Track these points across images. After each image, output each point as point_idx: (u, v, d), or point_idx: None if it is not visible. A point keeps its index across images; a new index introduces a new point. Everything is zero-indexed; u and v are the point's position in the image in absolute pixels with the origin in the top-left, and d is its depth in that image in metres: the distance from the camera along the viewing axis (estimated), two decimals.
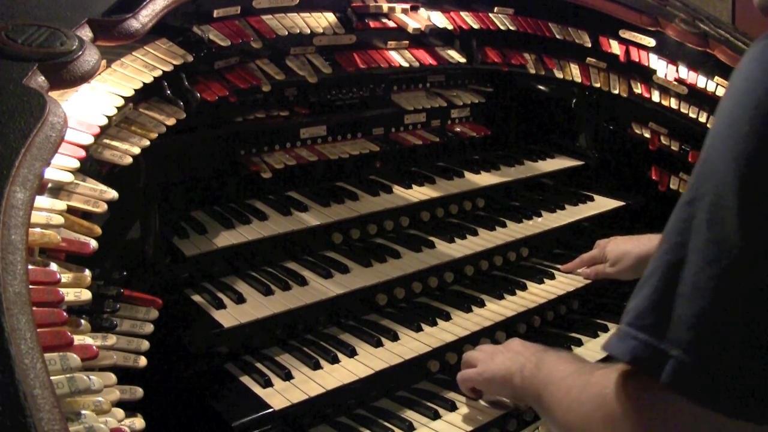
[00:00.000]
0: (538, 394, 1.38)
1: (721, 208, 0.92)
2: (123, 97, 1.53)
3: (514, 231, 2.33)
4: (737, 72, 0.98)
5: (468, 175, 2.49)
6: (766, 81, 0.91)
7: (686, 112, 2.57)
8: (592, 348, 2.08)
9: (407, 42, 2.45)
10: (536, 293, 2.17)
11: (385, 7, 2.36)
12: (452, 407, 1.77)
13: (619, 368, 1.03)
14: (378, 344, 1.84)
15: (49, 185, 1.23)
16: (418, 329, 1.91)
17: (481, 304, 2.07)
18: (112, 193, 1.34)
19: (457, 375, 1.77)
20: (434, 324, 1.95)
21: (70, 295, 1.15)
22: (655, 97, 2.63)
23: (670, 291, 0.95)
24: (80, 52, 1.38)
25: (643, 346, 0.96)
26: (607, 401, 1.03)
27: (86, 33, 1.48)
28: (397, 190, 2.31)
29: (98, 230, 1.28)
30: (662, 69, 2.62)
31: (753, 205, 0.90)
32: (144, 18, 1.63)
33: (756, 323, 0.90)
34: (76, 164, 1.28)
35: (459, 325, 1.96)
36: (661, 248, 0.99)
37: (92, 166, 1.42)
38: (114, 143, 1.52)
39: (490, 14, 2.65)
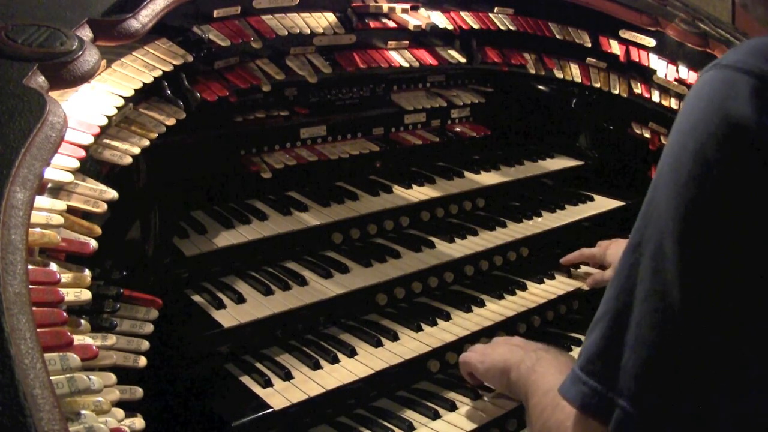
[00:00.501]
0: (526, 399, 1.39)
1: (663, 257, 0.92)
2: (123, 97, 1.53)
3: (514, 231, 2.33)
4: (685, 105, 0.96)
5: (468, 175, 2.49)
6: (706, 123, 0.90)
7: None
8: None
9: (407, 42, 2.45)
10: (536, 293, 2.17)
11: (385, 7, 2.36)
12: (452, 407, 1.77)
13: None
14: (378, 344, 1.84)
15: (49, 185, 1.23)
16: (418, 329, 1.91)
17: (481, 304, 2.06)
18: (112, 193, 1.34)
19: (460, 356, 1.77)
20: (434, 324, 1.95)
21: (70, 295, 1.15)
22: (655, 97, 2.63)
23: (617, 338, 0.96)
24: (80, 52, 1.38)
25: (591, 393, 0.97)
26: None
27: (86, 33, 1.48)
28: (397, 190, 2.30)
29: (98, 230, 1.27)
30: (662, 69, 2.62)
31: (691, 257, 0.90)
32: (144, 18, 1.63)
33: (697, 375, 0.90)
34: (76, 164, 1.28)
35: (459, 325, 1.96)
36: (609, 291, 1.00)
37: (92, 166, 1.42)
38: (114, 143, 1.52)
39: (490, 14, 2.65)
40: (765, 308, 0.88)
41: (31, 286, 0.98)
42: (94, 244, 1.24)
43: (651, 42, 2.66)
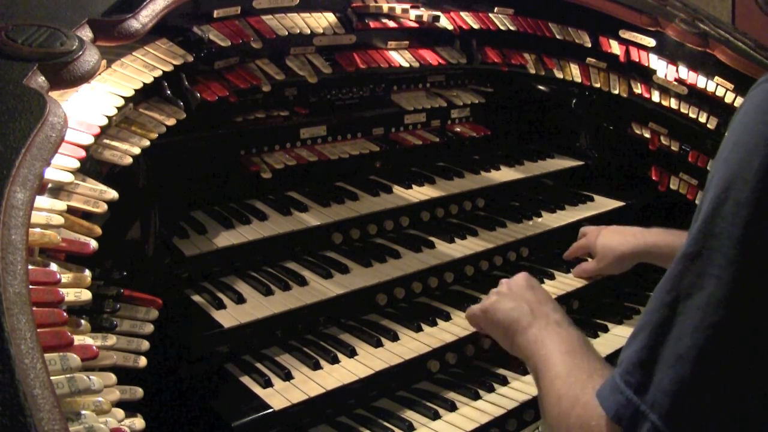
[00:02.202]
0: (535, 375, 1.34)
1: (711, 276, 0.90)
2: (123, 97, 1.54)
3: (514, 231, 2.33)
4: (742, 117, 0.94)
5: (468, 175, 2.49)
6: None
7: (686, 112, 2.58)
8: None
9: (407, 42, 2.45)
10: None
11: (385, 7, 2.36)
12: (452, 407, 1.77)
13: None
14: (378, 344, 1.84)
15: (49, 185, 1.23)
16: (418, 329, 1.91)
17: None
18: (112, 193, 1.34)
19: (466, 312, 1.76)
20: (434, 324, 1.95)
21: (70, 295, 1.15)
22: (655, 97, 2.63)
23: (656, 351, 0.95)
24: (80, 53, 1.38)
25: (626, 403, 0.97)
26: None
27: (86, 33, 1.48)
28: (397, 190, 2.31)
29: (98, 230, 1.28)
30: (662, 69, 2.62)
31: (746, 279, 0.88)
32: (144, 18, 1.63)
33: (731, 399, 0.90)
34: (76, 164, 1.28)
35: (459, 325, 1.96)
36: (653, 302, 0.98)
37: (92, 166, 1.42)
38: (114, 143, 1.52)
39: (490, 14, 2.65)
40: None
41: (31, 286, 0.98)
42: (94, 244, 1.24)
43: (651, 42, 2.66)
